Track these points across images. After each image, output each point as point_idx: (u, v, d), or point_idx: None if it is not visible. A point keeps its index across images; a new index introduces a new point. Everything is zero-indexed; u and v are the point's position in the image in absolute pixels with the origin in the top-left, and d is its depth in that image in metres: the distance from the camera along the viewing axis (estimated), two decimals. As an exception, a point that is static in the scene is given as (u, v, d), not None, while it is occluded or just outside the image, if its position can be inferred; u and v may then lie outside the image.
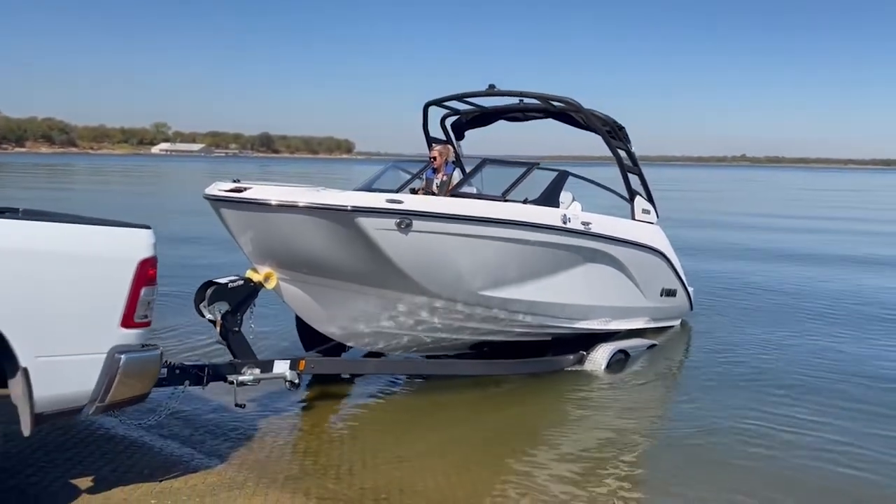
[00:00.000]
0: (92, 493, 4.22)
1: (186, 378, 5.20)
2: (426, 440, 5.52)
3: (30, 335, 3.40)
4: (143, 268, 3.73)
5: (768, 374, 7.33)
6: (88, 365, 3.62)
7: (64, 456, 4.72)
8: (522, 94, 7.90)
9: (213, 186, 5.61)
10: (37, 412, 3.48)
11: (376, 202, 5.64)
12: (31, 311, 3.42)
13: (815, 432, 5.76)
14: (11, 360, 3.43)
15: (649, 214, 8.39)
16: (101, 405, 3.71)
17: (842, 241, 19.46)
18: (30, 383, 3.41)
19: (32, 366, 3.41)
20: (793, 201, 41.55)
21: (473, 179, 7.34)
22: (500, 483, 4.75)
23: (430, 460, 5.05)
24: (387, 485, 4.57)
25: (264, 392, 6.10)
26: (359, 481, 4.63)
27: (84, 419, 5.14)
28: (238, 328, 5.68)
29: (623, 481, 4.93)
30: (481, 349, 7.42)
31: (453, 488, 4.63)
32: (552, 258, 6.88)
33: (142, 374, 3.84)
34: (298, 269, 5.84)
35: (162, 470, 4.60)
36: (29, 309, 3.41)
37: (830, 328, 9.39)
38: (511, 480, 4.80)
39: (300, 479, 4.66)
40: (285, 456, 5.08)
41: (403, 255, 5.81)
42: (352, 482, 4.61)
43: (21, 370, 3.41)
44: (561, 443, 5.63)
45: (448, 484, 4.68)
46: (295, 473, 4.75)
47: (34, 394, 3.43)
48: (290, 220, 5.43)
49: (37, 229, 3.56)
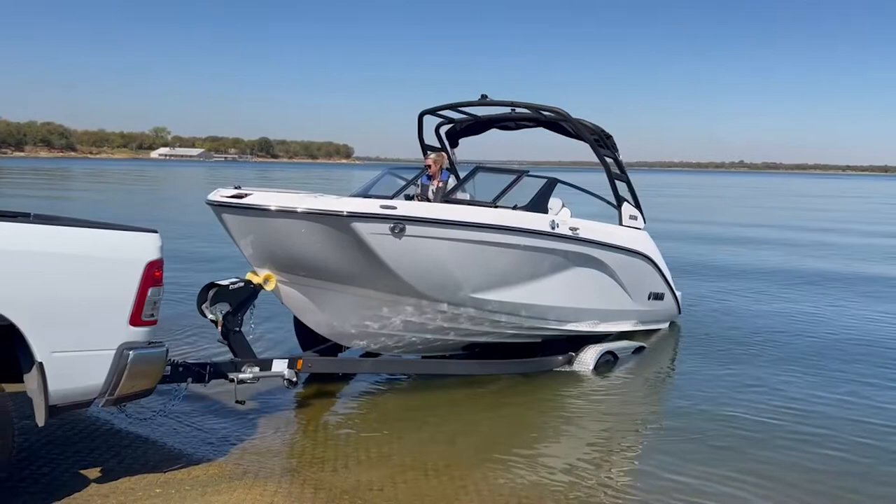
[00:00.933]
0: (100, 482, 4.46)
1: (189, 375, 5.45)
2: (419, 436, 5.69)
3: (45, 332, 3.65)
4: (150, 269, 3.98)
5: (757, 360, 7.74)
6: (99, 360, 3.87)
7: (72, 449, 4.95)
8: (513, 104, 8.15)
9: (215, 192, 5.86)
10: (51, 404, 3.73)
11: (371, 208, 5.88)
12: (45, 309, 3.66)
13: (802, 420, 6.16)
14: (28, 355, 3.67)
15: (636, 220, 8.64)
16: (110, 398, 3.96)
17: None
18: (45, 377, 3.66)
19: (47, 361, 3.66)
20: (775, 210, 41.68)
21: (466, 186, 7.62)
22: (489, 478, 4.90)
23: (422, 455, 5.23)
24: (380, 478, 4.78)
25: (263, 389, 6.33)
26: (354, 474, 4.82)
27: (90, 414, 5.41)
28: (238, 328, 5.92)
29: (612, 477, 5.09)
30: (473, 350, 7.66)
31: (442, 483, 4.79)
32: (541, 262, 7.13)
33: (148, 369, 4.08)
34: (296, 272, 6.08)
35: (166, 462, 4.83)
36: (44, 307, 3.65)
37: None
38: (500, 476, 4.95)
39: (297, 471, 4.87)
40: (283, 450, 5.30)
41: (397, 259, 6.06)
42: (347, 475, 4.81)
43: (37, 365, 3.65)
44: (550, 441, 5.79)
45: (438, 478, 4.85)
46: (292, 466, 4.97)
47: (49, 387, 3.68)
48: (288, 224, 5.68)
49: (51, 232, 3.80)
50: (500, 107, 8.34)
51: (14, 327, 3.60)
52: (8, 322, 3.56)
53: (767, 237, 22.45)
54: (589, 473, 5.09)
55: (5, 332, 3.66)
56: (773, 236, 22.83)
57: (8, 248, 3.57)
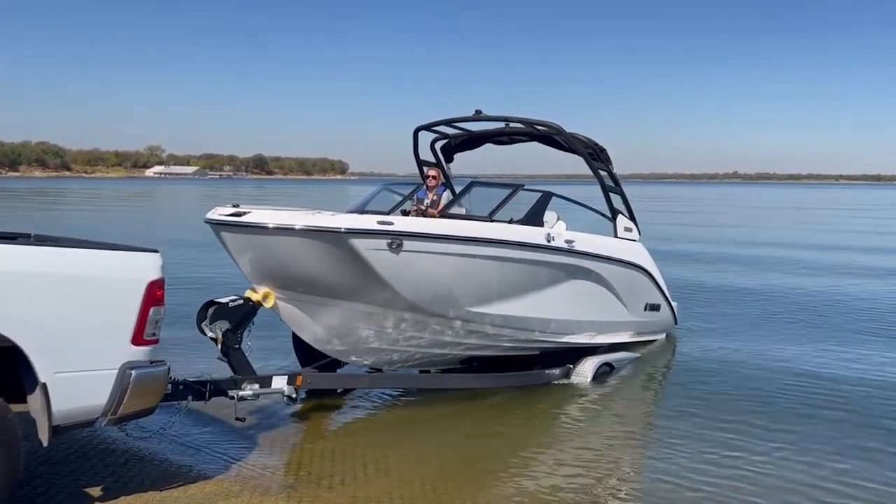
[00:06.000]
0: (98, 501, 4.45)
1: (189, 393, 5.45)
2: (415, 451, 5.71)
3: (48, 352, 3.66)
4: (151, 289, 4.00)
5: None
6: (102, 380, 3.88)
7: (69, 468, 4.94)
8: (508, 119, 8.23)
9: (213, 211, 5.89)
10: (54, 424, 3.73)
11: (368, 224, 5.92)
12: (48, 329, 3.68)
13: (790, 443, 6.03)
14: (31, 376, 3.68)
15: (631, 232, 8.69)
16: (112, 417, 3.96)
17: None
18: (48, 397, 3.67)
19: (51, 381, 3.67)
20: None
21: (462, 200, 7.66)
22: (484, 491, 4.93)
23: (418, 470, 5.24)
24: (377, 493, 4.77)
25: (260, 406, 6.32)
26: (350, 490, 4.82)
27: (86, 432, 5.39)
28: (238, 345, 5.93)
29: (613, 486, 5.14)
30: (471, 363, 7.68)
31: (439, 496, 4.80)
32: (537, 275, 7.17)
33: (151, 388, 4.10)
34: (295, 289, 6.10)
35: (163, 480, 4.83)
36: (46, 328, 3.67)
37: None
38: (494, 489, 4.98)
39: (293, 488, 4.86)
40: (280, 466, 5.31)
41: (395, 274, 6.08)
42: (343, 491, 4.81)
43: (40, 385, 3.67)
44: (545, 452, 5.82)
45: (434, 492, 4.85)
46: (289, 483, 4.96)
47: (52, 407, 3.69)
48: (287, 242, 5.70)
49: (53, 254, 3.83)
50: (495, 122, 8.42)
51: (17, 348, 3.61)
52: (11, 343, 3.57)
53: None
54: (580, 486, 5.07)
55: (8, 353, 3.67)
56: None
57: (11, 270, 3.59)
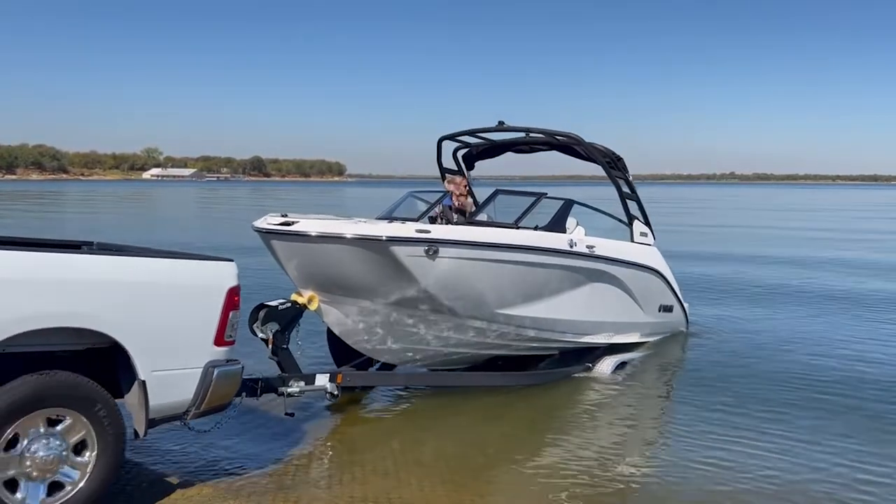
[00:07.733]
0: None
1: (243, 390, 5.80)
2: (415, 452, 5.71)
3: (147, 353, 4.08)
4: (230, 295, 4.42)
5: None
6: (190, 377, 4.30)
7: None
8: (528, 129, 8.60)
9: (262, 220, 6.29)
10: (150, 417, 4.15)
11: (407, 232, 6.33)
12: (148, 332, 4.09)
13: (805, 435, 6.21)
14: (130, 374, 4.11)
15: (647, 237, 9.12)
16: (197, 412, 4.38)
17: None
18: (146, 393, 4.09)
19: (149, 378, 4.10)
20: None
21: (486, 208, 8.07)
22: (483, 492, 4.96)
23: (418, 470, 5.26)
24: (375, 494, 4.80)
25: (257, 407, 6.35)
26: (349, 490, 4.85)
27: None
28: (286, 345, 6.33)
29: (619, 484, 5.16)
30: (496, 362, 8.08)
31: (438, 497, 4.83)
32: (561, 279, 7.60)
33: (229, 385, 4.52)
34: (337, 292, 6.50)
35: (159, 482, 4.89)
36: (146, 331, 4.08)
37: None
38: (493, 490, 5.03)
39: (292, 488, 4.87)
40: (278, 467, 5.28)
41: (431, 278, 6.50)
42: (342, 491, 4.84)
43: (139, 382, 4.09)
44: (546, 454, 5.78)
45: (434, 493, 4.88)
46: (288, 484, 4.97)
47: (150, 402, 4.11)
48: (333, 249, 6.11)
49: (149, 264, 4.24)
50: (516, 132, 8.79)
51: (117, 350, 4.02)
52: (117, 345, 3.99)
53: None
54: (583, 488, 5.05)
55: (111, 354, 4.09)
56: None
57: (116, 279, 4.00)
